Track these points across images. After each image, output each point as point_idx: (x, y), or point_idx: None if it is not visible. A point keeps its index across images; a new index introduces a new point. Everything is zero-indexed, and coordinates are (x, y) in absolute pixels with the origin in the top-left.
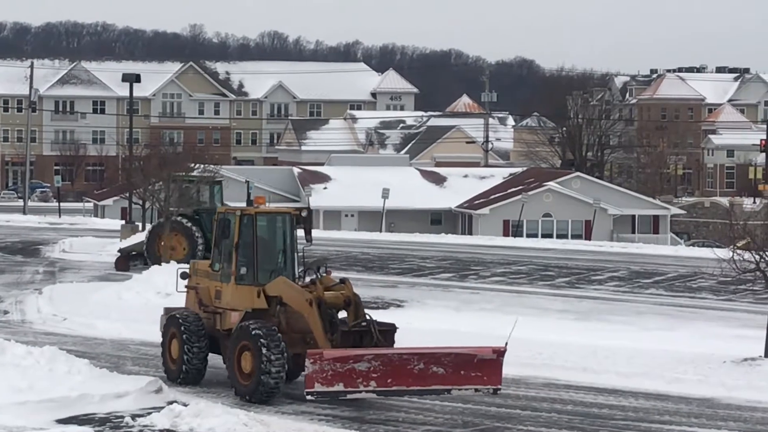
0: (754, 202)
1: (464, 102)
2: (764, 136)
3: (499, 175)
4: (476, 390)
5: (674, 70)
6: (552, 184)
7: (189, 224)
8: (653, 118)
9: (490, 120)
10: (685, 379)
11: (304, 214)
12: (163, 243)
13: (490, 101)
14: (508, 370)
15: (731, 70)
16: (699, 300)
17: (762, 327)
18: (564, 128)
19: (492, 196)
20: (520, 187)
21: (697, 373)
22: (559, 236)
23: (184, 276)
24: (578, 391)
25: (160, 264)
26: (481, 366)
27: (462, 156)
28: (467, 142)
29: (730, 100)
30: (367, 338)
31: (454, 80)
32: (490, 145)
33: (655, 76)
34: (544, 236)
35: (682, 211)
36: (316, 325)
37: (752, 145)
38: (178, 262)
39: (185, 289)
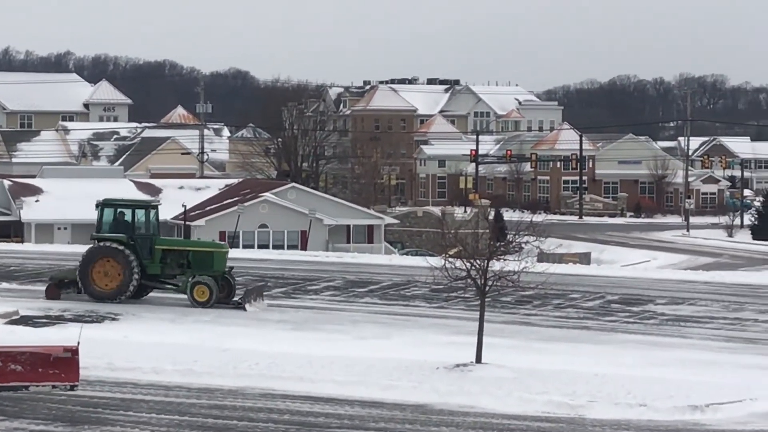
0: (465, 211)
1: (179, 113)
2: (474, 147)
3: (214, 186)
4: (54, 386)
5: (387, 82)
6: (268, 195)
7: (124, 249)
8: (367, 129)
9: (206, 131)
10: (399, 386)
11: None
12: (96, 269)
13: (205, 112)
14: (225, 381)
15: (442, 82)
16: (413, 308)
17: (473, 333)
18: (279, 139)
19: (208, 208)
20: (236, 198)
21: (411, 380)
22: (275, 247)
23: None
24: (295, 400)
25: (94, 292)
26: (57, 364)
27: (177, 167)
28: (182, 154)
29: (441, 111)
30: None
31: (168, 91)
32: (205, 156)
33: (368, 87)
34: (260, 247)
35: (396, 221)
36: None
37: (463, 155)
38: (114, 288)
39: None
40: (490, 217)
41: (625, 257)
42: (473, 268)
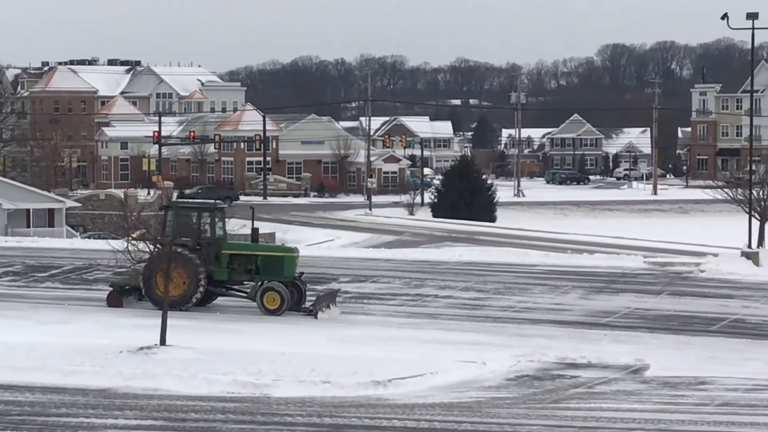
0: (149, 194)
1: None
2: (157, 128)
3: None
4: None
5: (66, 63)
6: None
7: (189, 254)
8: (46, 110)
9: None
10: (82, 371)
11: None
12: (160, 275)
13: None
14: None
15: (123, 63)
16: (95, 292)
17: (158, 316)
18: None
19: None
20: None
21: (94, 365)
22: None
23: None
24: None
25: (157, 299)
26: None
27: None
28: None
29: (122, 93)
30: None
31: None
32: None
33: (47, 68)
34: None
35: (78, 204)
36: None
37: (145, 137)
38: (179, 295)
39: None
40: (174, 199)
41: (310, 237)
42: (156, 249)
